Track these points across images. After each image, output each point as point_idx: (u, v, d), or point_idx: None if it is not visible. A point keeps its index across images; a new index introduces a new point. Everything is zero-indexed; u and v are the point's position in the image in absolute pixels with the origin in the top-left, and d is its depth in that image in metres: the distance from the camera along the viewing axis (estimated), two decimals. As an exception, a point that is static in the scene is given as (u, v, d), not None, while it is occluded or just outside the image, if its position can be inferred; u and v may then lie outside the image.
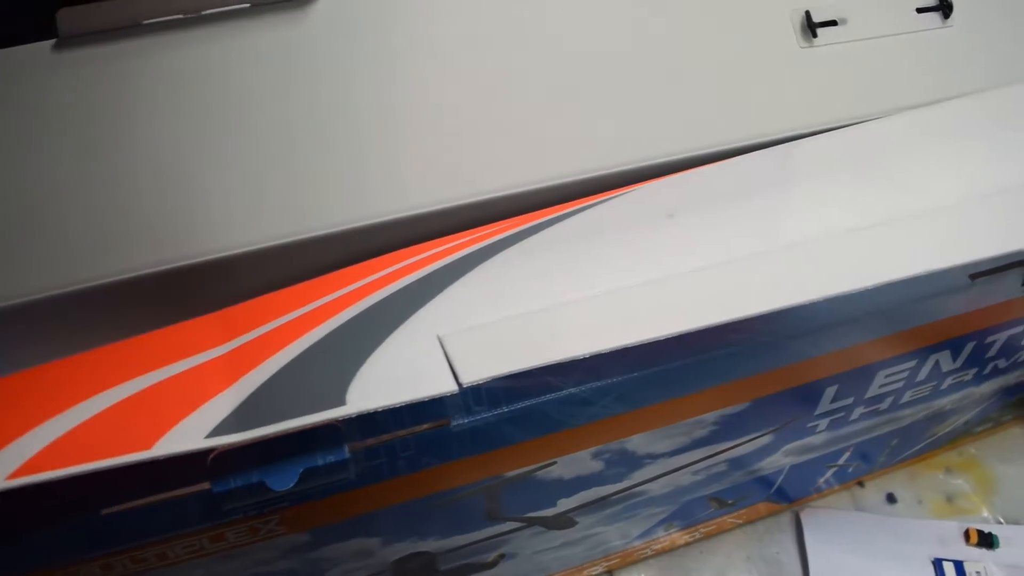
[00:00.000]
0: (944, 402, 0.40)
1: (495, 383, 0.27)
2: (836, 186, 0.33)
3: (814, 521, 0.43)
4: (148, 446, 0.23)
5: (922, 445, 0.45)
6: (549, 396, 0.27)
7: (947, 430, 0.44)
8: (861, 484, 0.46)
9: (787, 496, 0.43)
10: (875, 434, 0.40)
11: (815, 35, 0.39)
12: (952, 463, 0.47)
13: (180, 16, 0.32)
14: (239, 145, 0.31)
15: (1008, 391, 0.43)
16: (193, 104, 0.31)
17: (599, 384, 0.27)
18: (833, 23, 0.40)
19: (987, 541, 0.43)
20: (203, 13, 0.33)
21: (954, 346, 0.36)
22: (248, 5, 0.33)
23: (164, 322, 0.27)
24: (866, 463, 0.44)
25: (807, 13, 0.39)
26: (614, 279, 0.28)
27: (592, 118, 0.34)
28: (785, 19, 0.39)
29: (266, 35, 0.33)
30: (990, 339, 0.37)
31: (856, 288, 0.28)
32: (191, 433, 0.24)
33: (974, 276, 0.32)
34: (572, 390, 0.27)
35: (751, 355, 0.29)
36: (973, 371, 0.38)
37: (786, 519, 0.43)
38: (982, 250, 0.30)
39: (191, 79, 0.32)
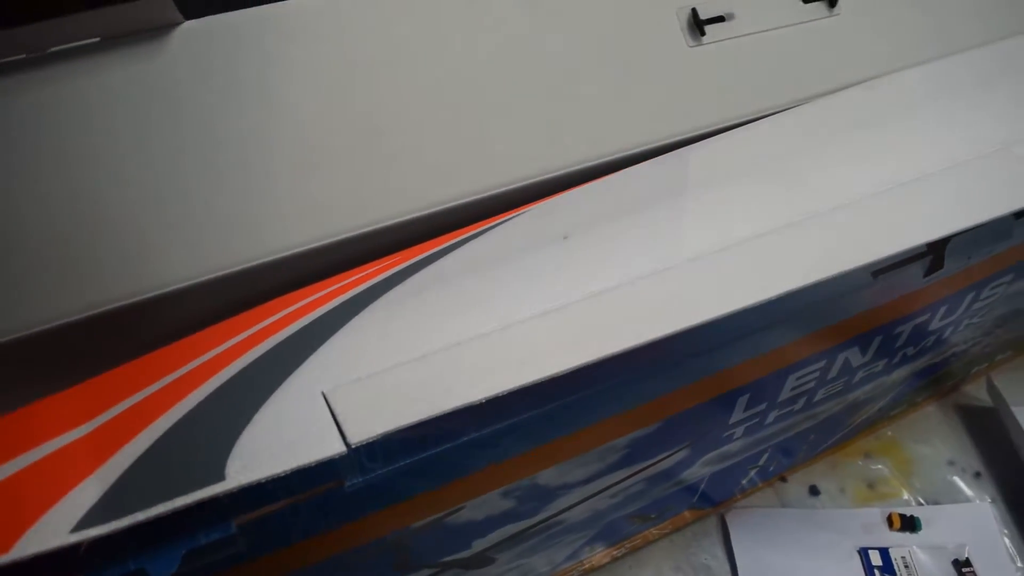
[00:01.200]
0: (858, 394, 0.40)
1: (389, 436, 0.25)
2: (733, 191, 0.32)
3: (739, 523, 0.43)
4: (7, 547, 0.21)
5: (840, 435, 0.45)
6: (449, 444, 0.26)
7: (863, 418, 0.45)
8: (784, 479, 0.46)
9: (711, 500, 0.42)
10: (792, 432, 0.40)
11: (703, 33, 0.38)
12: (871, 448, 0.47)
13: (24, 56, 0.29)
14: (99, 193, 0.29)
15: (919, 374, 0.44)
16: (48, 150, 0.29)
17: (501, 425, 0.26)
18: (720, 19, 0.39)
19: (910, 524, 0.44)
20: (50, 51, 0.30)
21: (862, 342, 0.35)
22: (98, 40, 0.30)
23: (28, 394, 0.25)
24: (787, 458, 0.44)
25: (693, 11, 0.38)
26: (509, 312, 0.27)
27: (482, 137, 0.33)
28: (672, 19, 0.38)
29: (121, 71, 0.30)
30: (897, 330, 0.37)
31: (758, 301, 0.27)
32: (56, 528, 0.22)
33: (876, 273, 0.31)
34: (473, 435, 0.26)
35: (657, 376, 0.29)
36: (883, 362, 0.39)
37: (712, 523, 0.43)
38: (883, 248, 0.30)
39: (43, 124, 0.29)
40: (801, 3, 0.41)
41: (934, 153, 0.35)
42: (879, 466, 0.46)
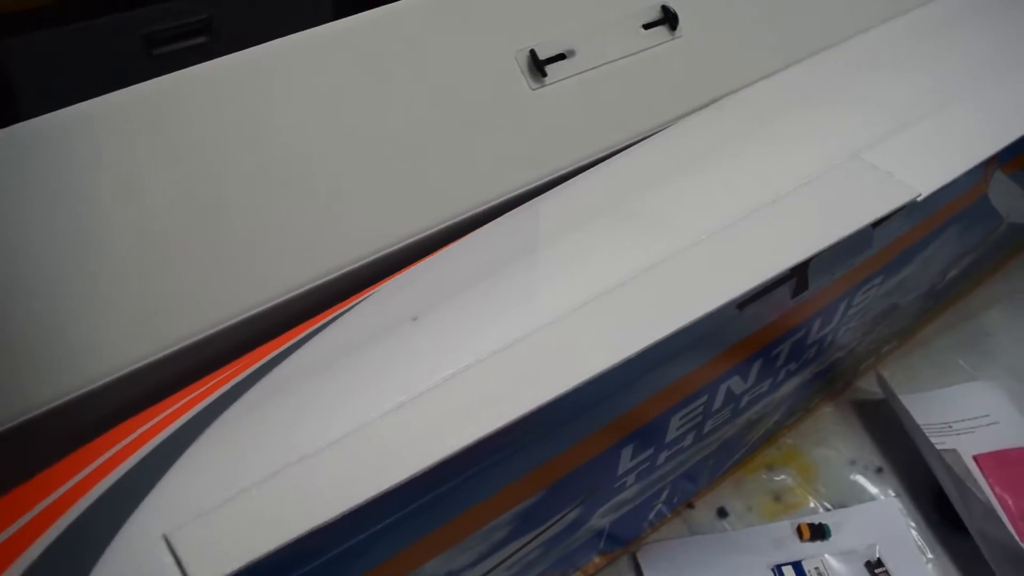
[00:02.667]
0: (749, 415, 0.40)
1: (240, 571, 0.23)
2: (586, 239, 0.32)
3: (651, 558, 0.42)
4: None
5: (740, 454, 0.45)
6: (314, 562, 0.24)
7: (760, 433, 0.45)
8: (691, 505, 0.45)
9: (620, 541, 0.42)
10: (688, 466, 0.40)
11: (544, 74, 0.38)
12: (773, 459, 0.47)
13: None
14: None
15: (808, 383, 0.44)
16: None
17: (367, 533, 0.25)
18: (561, 56, 0.39)
19: (820, 533, 0.44)
20: None
21: (741, 369, 0.35)
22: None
23: None
24: (691, 484, 0.44)
25: (532, 52, 0.38)
26: (360, 412, 0.25)
27: (326, 217, 0.32)
28: (511, 62, 0.38)
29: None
30: (775, 351, 0.37)
31: (622, 359, 0.27)
32: None
33: (742, 305, 0.31)
34: (337, 550, 0.24)
35: (528, 451, 0.28)
36: (767, 382, 0.39)
37: (625, 563, 0.43)
38: (744, 282, 0.30)
39: None
40: (642, 30, 0.40)
41: (787, 170, 0.36)
42: (783, 476, 0.47)
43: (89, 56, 0.79)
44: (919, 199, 0.34)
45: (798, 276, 0.33)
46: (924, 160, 0.37)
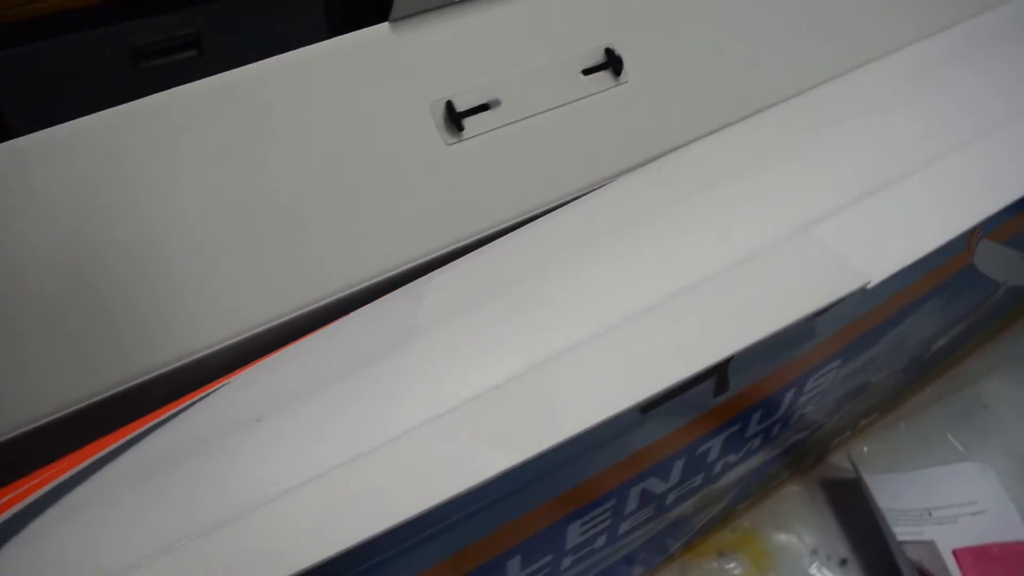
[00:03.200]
0: (681, 508, 0.36)
1: None
2: (469, 330, 0.28)
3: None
4: None
5: (685, 539, 0.41)
6: None
7: (706, 520, 0.41)
8: (629, 593, 0.42)
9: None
10: (609, 562, 0.36)
11: (461, 127, 0.34)
12: (725, 544, 0.44)
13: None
14: None
15: (762, 468, 0.40)
16: None
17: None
18: (484, 108, 0.35)
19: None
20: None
21: (659, 471, 0.32)
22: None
23: None
24: (628, 568, 0.40)
25: (448, 104, 0.34)
26: (189, 527, 0.22)
27: (201, 291, 0.29)
28: (425, 114, 0.34)
29: None
30: (701, 449, 0.33)
31: (496, 473, 0.23)
32: None
33: (646, 409, 0.28)
34: None
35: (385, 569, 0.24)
36: (699, 477, 0.35)
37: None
38: (644, 387, 0.26)
39: None
40: (581, 76, 0.37)
41: (722, 245, 0.32)
42: (733, 565, 0.43)
43: (76, 69, 0.78)
44: (868, 286, 0.30)
45: (718, 375, 0.29)
46: (885, 237, 0.32)
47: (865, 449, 0.46)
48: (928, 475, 0.46)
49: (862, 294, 0.31)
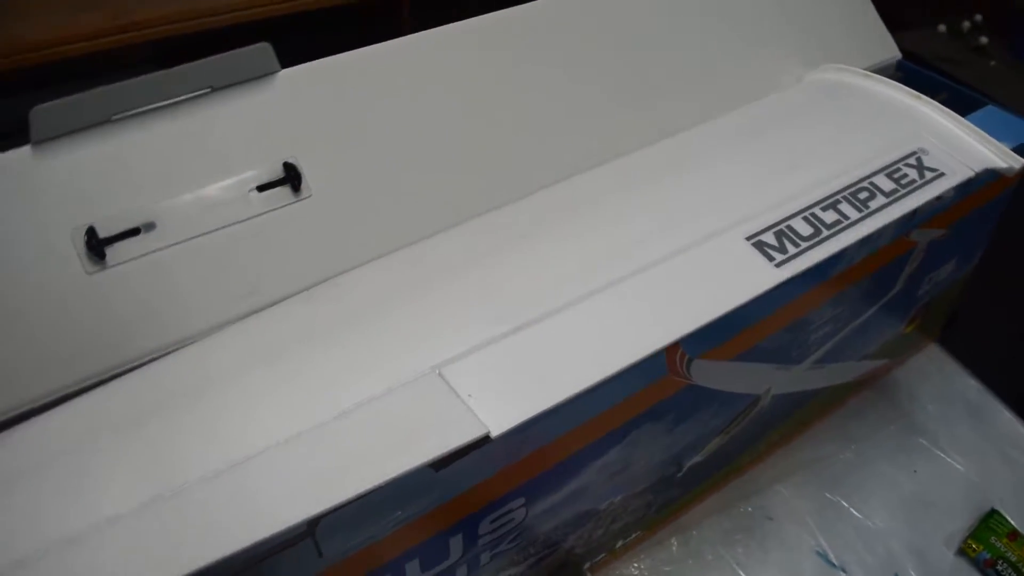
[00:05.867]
0: None
1: None
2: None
3: None
4: None
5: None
6: None
7: None
8: None
9: None
10: None
11: (102, 255, 0.33)
12: None
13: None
14: None
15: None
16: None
17: None
18: (135, 232, 0.34)
19: None
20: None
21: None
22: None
23: None
24: None
25: (90, 229, 0.33)
26: None
27: None
28: (67, 242, 0.33)
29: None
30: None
31: None
32: None
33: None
34: None
35: None
36: None
37: None
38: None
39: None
40: (255, 192, 0.36)
41: (343, 385, 0.30)
42: None
43: None
44: (491, 436, 0.29)
45: (310, 536, 0.28)
46: (529, 375, 0.31)
47: (633, 569, 0.44)
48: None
49: (509, 437, 0.29)
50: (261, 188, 0.36)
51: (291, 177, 0.36)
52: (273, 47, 0.36)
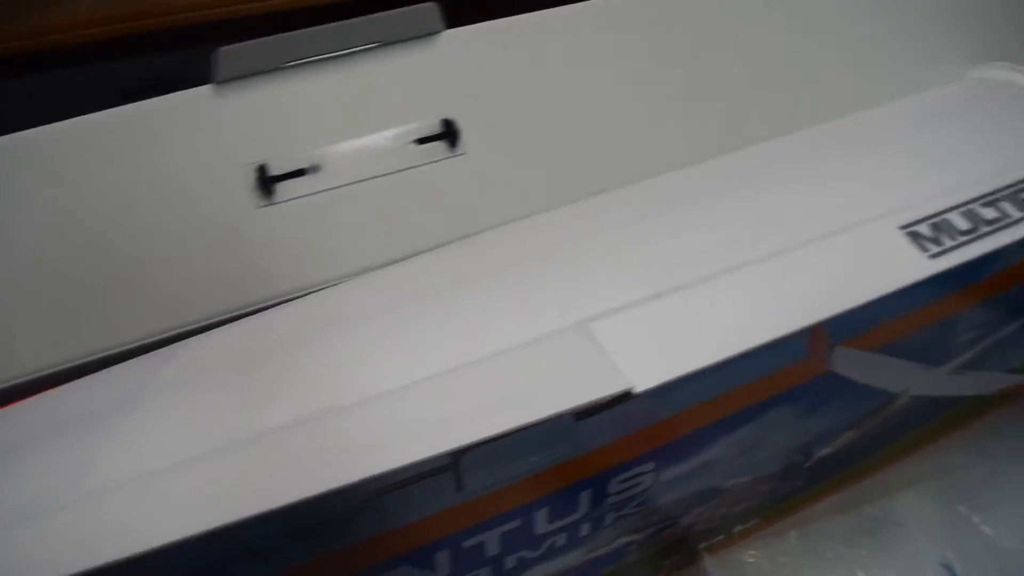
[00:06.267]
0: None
1: None
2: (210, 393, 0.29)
3: None
4: None
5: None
6: None
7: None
8: None
9: None
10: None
11: (271, 191, 0.35)
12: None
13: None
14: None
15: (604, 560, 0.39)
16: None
17: None
18: (301, 172, 0.36)
19: None
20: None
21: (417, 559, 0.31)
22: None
23: None
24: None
25: (262, 167, 0.35)
26: None
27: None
28: (239, 176, 0.35)
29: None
30: (466, 543, 0.32)
31: None
32: None
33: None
34: None
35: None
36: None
37: None
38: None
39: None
40: (413, 145, 0.37)
41: (485, 334, 0.31)
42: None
43: (65, 104, 0.83)
44: (634, 392, 0.29)
45: (453, 469, 0.29)
46: (674, 339, 0.31)
47: (747, 556, 0.44)
48: (807, 593, 0.43)
49: (646, 399, 0.30)
50: (420, 141, 0.37)
51: (449, 133, 0.37)
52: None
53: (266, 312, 0.34)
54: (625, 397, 0.29)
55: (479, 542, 0.33)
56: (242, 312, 0.34)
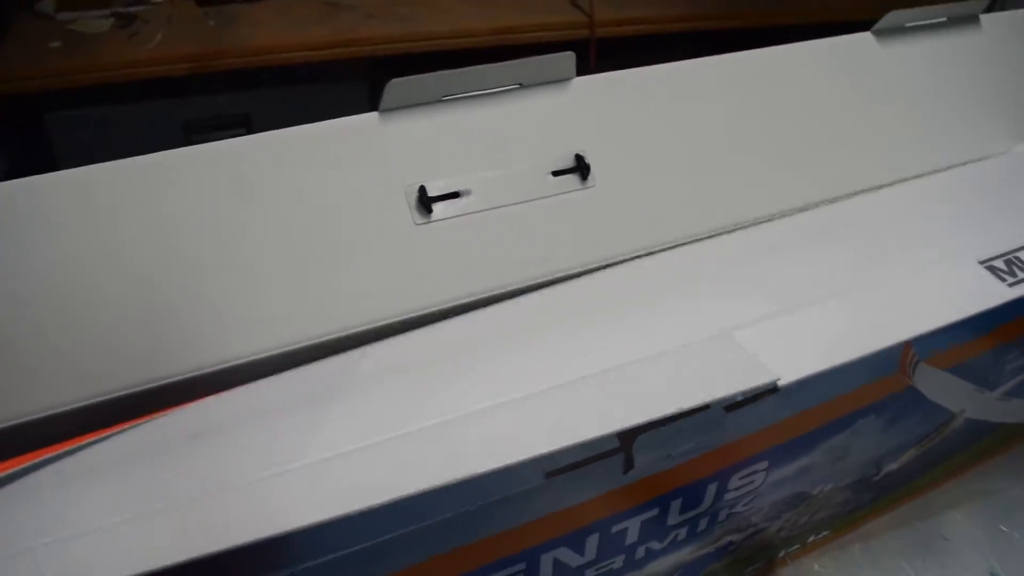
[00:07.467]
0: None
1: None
2: (389, 394, 0.33)
3: None
4: None
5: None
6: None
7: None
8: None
9: None
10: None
11: (430, 210, 0.39)
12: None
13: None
14: None
15: (697, 564, 0.42)
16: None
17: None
18: (455, 195, 0.40)
19: None
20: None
21: (571, 541, 0.35)
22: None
23: None
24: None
25: (421, 188, 0.39)
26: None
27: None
28: (400, 197, 0.39)
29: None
30: (617, 528, 0.36)
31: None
32: None
33: (551, 474, 0.31)
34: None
35: None
36: (619, 558, 0.38)
37: None
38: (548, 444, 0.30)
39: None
40: (550, 176, 0.42)
41: (645, 340, 0.36)
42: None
43: (131, 135, 0.87)
44: (779, 383, 0.34)
45: (624, 450, 0.33)
46: (802, 346, 0.36)
47: (816, 567, 0.48)
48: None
49: (778, 396, 0.34)
50: (555, 173, 0.42)
51: (581, 167, 0.42)
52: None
53: (438, 324, 0.38)
54: (771, 390, 0.34)
55: (623, 528, 0.37)
56: (407, 318, 0.38)
